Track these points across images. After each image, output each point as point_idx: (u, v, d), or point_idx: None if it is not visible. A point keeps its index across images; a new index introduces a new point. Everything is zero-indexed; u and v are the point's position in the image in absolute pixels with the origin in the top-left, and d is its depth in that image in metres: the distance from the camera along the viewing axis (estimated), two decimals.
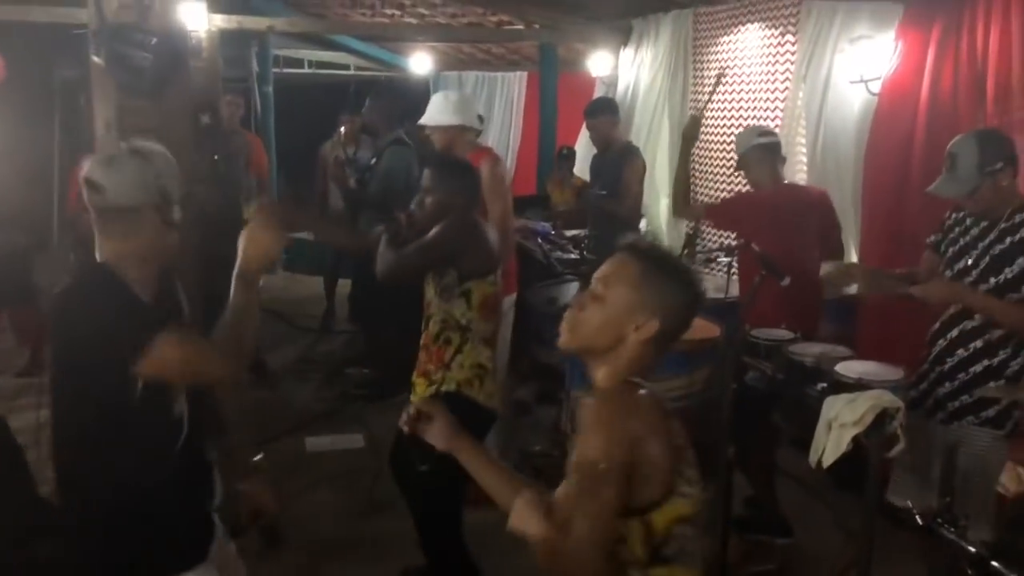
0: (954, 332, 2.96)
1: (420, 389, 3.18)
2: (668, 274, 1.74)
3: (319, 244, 7.31)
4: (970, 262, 2.91)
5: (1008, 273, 2.81)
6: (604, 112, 5.39)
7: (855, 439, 2.74)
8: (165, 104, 3.31)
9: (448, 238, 3.08)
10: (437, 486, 2.97)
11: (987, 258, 2.86)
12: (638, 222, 5.51)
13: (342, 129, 6.50)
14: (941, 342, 2.99)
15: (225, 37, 6.79)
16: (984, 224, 2.91)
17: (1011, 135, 3.30)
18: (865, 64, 4.27)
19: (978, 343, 2.90)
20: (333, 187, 6.36)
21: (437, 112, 4.17)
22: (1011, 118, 3.63)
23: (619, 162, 5.19)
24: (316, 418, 5.29)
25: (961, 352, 2.94)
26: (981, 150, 2.84)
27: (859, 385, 2.90)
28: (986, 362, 2.88)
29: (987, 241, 2.88)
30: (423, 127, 4.28)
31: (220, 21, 6.10)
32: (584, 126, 9.10)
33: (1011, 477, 3.46)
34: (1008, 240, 2.82)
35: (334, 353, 6.64)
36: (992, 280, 2.84)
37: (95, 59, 3.28)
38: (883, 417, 2.72)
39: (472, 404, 3.10)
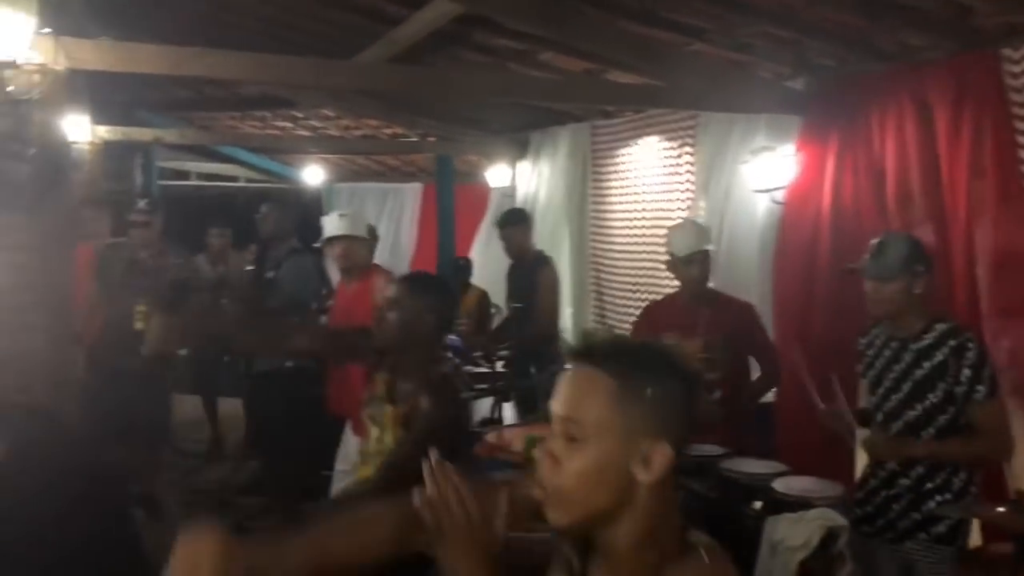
0: None
1: None
2: (654, 371, 1.24)
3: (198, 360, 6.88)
4: (889, 386, 2.87)
5: (933, 398, 2.77)
6: (517, 222, 5.35)
7: (802, 563, 2.61)
8: (43, 220, 3.02)
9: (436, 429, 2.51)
10: None
11: (909, 383, 2.82)
12: (555, 333, 5.37)
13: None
14: (889, 464, 2.90)
15: (108, 148, 6.49)
16: (895, 344, 2.88)
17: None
18: (768, 174, 4.34)
19: (920, 468, 2.82)
20: None
21: (332, 227, 4.28)
22: (911, 220, 3.71)
23: (532, 273, 5.14)
24: None
25: (911, 474, 2.84)
26: (910, 248, 2.85)
27: (800, 503, 2.78)
28: (931, 484, 2.80)
29: (903, 364, 2.84)
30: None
31: (104, 132, 5.81)
32: (478, 237, 9.18)
33: None
34: (926, 365, 2.78)
35: (223, 481, 6.17)
36: (918, 407, 2.79)
37: None
38: (829, 538, 2.61)
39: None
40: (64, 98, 3.14)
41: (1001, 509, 2.56)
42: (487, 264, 8.02)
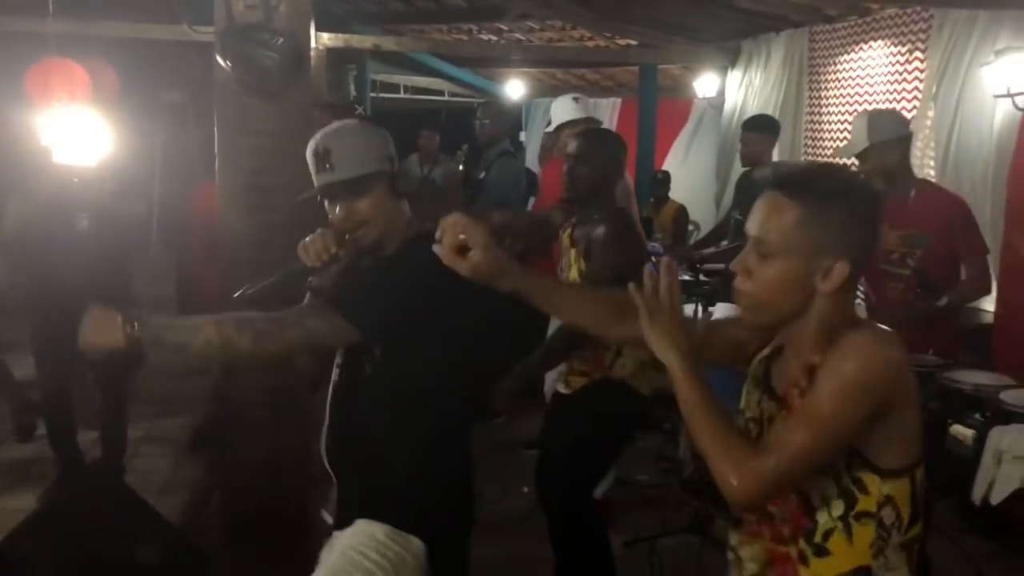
0: None
1: (575, 382, 3.04)
2: (834, 198, 1.39)
3: None
4: None
5: None
6: (761, 128, 4.81)
7: None
8: (285, 106, 3.24)
9: (619, 259, 2.86)
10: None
11: None
12: None
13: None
14: None
15: (327, 58, 6.81)
16: None
17: None
18: (1011, 77, 3.99)
19: None
20: None
21: (569, 111, 4.39)
22: None
23: (760, 185, 4.88)
24: None
25: None
26: None
27: None
28: None
29: None
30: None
31: (327, 39, 6.10)
32: (673, 151, 8.99)
33: None
34: None
35: None
36: None
37: (220, 61, 3.23)
38: None
39: (633, 392, 2.96)
40: None
41: None
42: (682, 178, 7.90)
